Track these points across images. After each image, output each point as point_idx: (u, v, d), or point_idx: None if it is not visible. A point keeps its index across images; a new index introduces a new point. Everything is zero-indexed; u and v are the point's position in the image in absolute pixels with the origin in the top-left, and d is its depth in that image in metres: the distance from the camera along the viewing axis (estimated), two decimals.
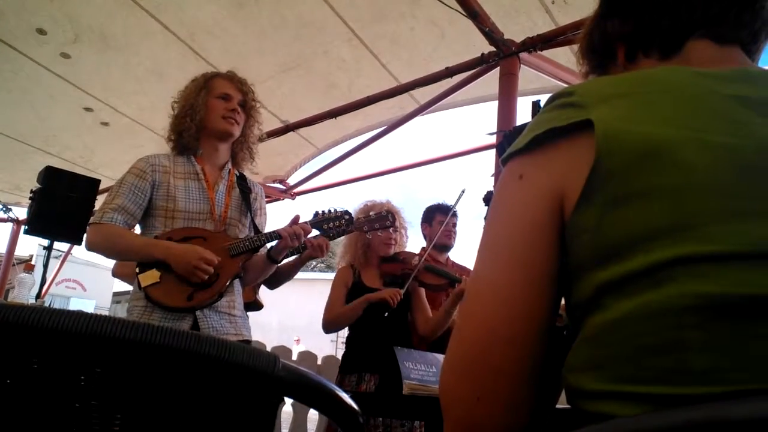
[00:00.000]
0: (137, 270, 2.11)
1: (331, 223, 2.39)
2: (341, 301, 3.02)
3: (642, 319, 0.55)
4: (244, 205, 2.34)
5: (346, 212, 2.42)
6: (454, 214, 3.66)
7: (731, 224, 0.54)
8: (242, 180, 2.41)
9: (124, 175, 2.21)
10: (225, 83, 2.37)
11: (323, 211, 2.41)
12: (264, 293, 3.48)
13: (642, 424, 0.43)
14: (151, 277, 2.08)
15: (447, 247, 3.63)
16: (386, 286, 3.03)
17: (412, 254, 3.17)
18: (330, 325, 3.01)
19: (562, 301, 0.68)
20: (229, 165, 2.41)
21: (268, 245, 2.31)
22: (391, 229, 3.01)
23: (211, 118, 2.31)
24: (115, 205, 2.13)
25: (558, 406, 0.75)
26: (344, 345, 3.07)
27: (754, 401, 0.39)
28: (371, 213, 2.63)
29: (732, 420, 0.38)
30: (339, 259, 3.32)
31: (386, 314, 2.78)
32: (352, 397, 0.66)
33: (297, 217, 2.32)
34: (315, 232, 2.39)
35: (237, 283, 2.26)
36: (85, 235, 2.15)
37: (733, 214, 0.55)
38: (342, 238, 3.16)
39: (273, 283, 3.26)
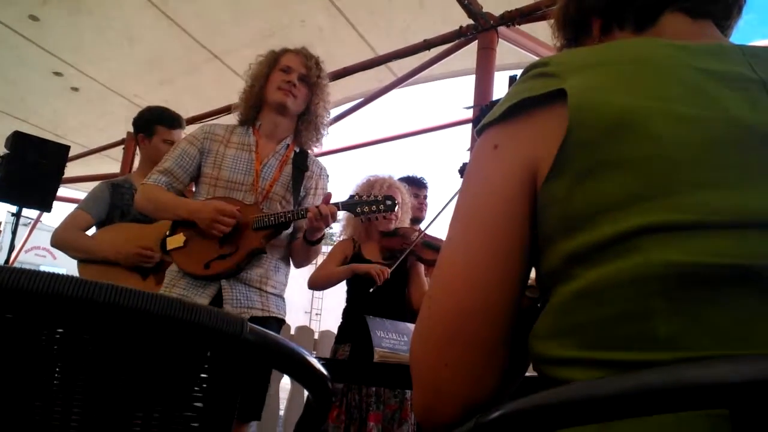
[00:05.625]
0: (167, 233, 2.19)
1: (365, 207, 2.18)
2: (333, 264, 3.05)
3: (608, 288, 0.56)
4: (293, 182, 2.29)
5: (388, 197, 2.22)
6: (425, 186, 3.68)
7: (698, 195, 0.55)
8: (301, 157, 2.35)
9: (180, 140, 2.32)
10: (291, 56, 2.36)
11: (361, 195, 2.23)
12: None
13: (597, 388, 0.43)
14: (176, 240, 2.14)
15: (419, 220, 3.65)
16: (386, 260, 3.04)
17: (413, 229, 3.17)
18: (314, 282, 3.05)
19: (533, 273, 0.69)
20: (289, 140, 2.36)
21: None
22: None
23: (269, 90, 2.30)
24: (162, 167, 2.22)
25: (527, 374, 0.76)
26: (341, 317, 3.10)
27: (709, 365, 0.39)
28: (372, 194, 2.36)
29: (686, 384, 0.39)
30: (340, 232, 3.32)
31: (371, 290, 2.79)
32: (324, 365, 0.66)
33: (329, 196, 2.19)
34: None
35: (278, 261, 2.25)
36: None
37: (699, 185, 0.55)
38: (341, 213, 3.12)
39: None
